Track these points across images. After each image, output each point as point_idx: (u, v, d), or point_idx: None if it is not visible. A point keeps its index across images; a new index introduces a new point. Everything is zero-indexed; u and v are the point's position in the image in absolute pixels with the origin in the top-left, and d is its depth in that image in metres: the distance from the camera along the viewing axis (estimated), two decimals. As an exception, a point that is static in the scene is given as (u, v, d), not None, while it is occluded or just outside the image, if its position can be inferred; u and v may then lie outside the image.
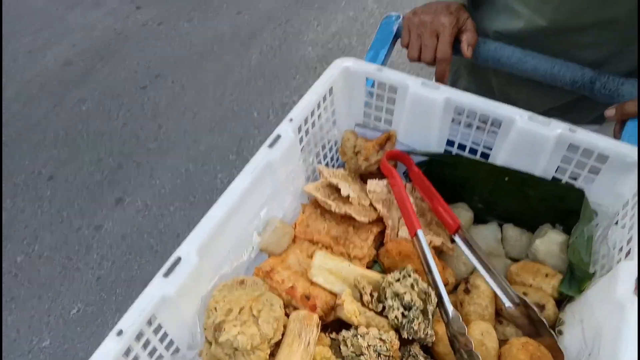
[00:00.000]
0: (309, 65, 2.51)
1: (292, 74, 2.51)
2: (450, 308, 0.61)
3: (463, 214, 0.81)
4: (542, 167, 0.73)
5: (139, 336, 0.51)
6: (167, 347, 0.56)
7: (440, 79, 0.85)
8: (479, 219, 0.82)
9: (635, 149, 0.66)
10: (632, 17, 0.74)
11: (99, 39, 2.88)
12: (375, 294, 0.64)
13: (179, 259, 0.55)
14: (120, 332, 0.49)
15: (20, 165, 2.13)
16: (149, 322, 0.52)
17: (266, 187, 0.68)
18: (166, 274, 0.54)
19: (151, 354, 0.54)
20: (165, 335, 0.55)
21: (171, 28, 2.93)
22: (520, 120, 0.71)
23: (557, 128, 0.69)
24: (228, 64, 2.64)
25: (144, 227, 1.88)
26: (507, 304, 0.66)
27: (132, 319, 0.50)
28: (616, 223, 0.67)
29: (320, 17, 2.93)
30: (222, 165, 2.07)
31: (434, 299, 0.63)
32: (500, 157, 0.76)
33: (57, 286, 1.74)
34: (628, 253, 0.58)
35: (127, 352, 0.50)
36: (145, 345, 0.53)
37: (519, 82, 0.89)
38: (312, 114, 0.76)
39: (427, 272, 0.66)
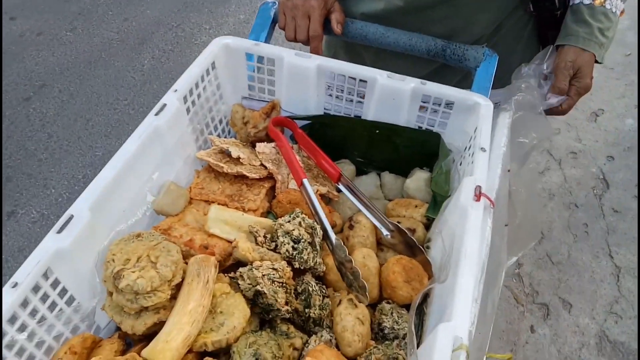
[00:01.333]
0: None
1: (188, 75, 2.50)
2: (333, 237, 0.70)
3: (346, 168, 0.91)
4: (404, 118, 0.85)
5: (35, 288, 0.53)
6: (68, 303, 0.58)
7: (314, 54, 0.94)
8: (360, 172, 0.93)
9: (474, 94, 0.80)
10: None
11: (-30, 52, 2.65)
12: (269, 236, 0.71)
13: (71, 216, 0.58)
14: (15, 285, 0.51)
15: None
16: (45, 276, 0.54)
17: (156, 151, 0.72)
18: (59, 231, 0.56)
19: (51, 308, 0.56)
20: (64, 290, 0.57)
21: (52, 38, 2.78)
22: (380, 78, 0.82)
23: (411, 82, 0.81)
24: (119, 70, 2.57)
25: (42, 237, 1.78)
26: (385, 232, 0.76)
27: (26, 271, 0.52)
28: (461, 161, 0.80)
29: (211, 21, 2.96)
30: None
31: (319, 232, 0.71)
32: (370, 114, 0.86)
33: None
34: (471, 174, 0.70)
35: (25, 303, 0.52)
36: (43, 299, 0.54)
37: (387, 56, 1.00)
38: (197, 86, 0.81)
39: (313, 213, 0.73)
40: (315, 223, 0.71)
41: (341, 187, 0.81)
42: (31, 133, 2.21)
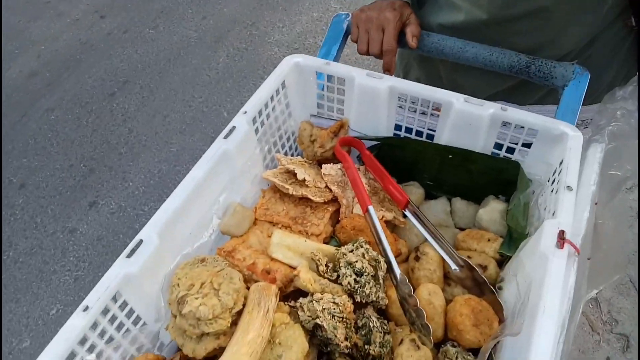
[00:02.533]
0: (276, 65, 2.53)
1: (260, 74, 2.55)
2: (398, 272, 0.67)
3: (414, 191, 0.87)
4: (481, 144, 0.79)
5: (104, 311, 0.55)
6: (134, 322, 0.60)
7: (387, 69, 0.91)
8: (429, 195, 0.88)
9: (561, 123, 0.73)
10: (560, 5, 0.80)
11: (63, 49, 2.87)
12: (331, 265, 0.69)
13: (140, 241, 0.59)
14: (86, 308, 0.53)
15: (-11, 176, 2.12)
16: (114, 299, 0.56)
17: (224, 175, 0.72)
18: (129, 255, 0.58)
19: (118, 328, 0.58)
20: (131, 311, 0.59)
21: (137, 35, 2.94)
22: (457, 103, 0.77)
23: (490, 108, 0.76)
24: (196, 67, 2.67)
25: (119, 228, 1.90)
26: (453, 266, 0.72)
27: (96, 296, 0.54)
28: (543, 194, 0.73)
29: (284, 19, 2.98)
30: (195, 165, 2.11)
31: (383, 265, 0.68)
32: (444, 137, 0.82)
33: (34, 289, 1.75)
34: (553, 214, 0.65)
35: (94, 326, 0.54)
36: (112, 321, 0.56)
37: (464, 70, 0.95)
38: (266, 106, 0.81)
39: (377, 243, 0.71)
40: (379, 256, 0.68)
41: (408, 214, 0.78)
42: (114, 127, 2.36)
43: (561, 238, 0.60)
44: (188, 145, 2.25)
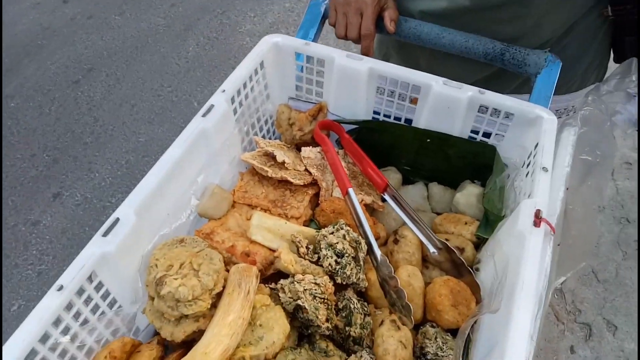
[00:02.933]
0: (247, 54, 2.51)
1: (231, 64, 2.51)
2: (378, 253, 0.67)
3: (392, 176, 0.87)
4: (458, 127, 0.80)
5: (79, 292, 0.53)
6: (110, 305, 0.58)
7: (365, 54, 0.91)
8: (407, 180, 0.89)
9: (536, 107, 0.75)
10: None
11: (23, 34, 2.74)
12: (311, 247, 0.68)
13: (117, 220, 0.57)
14: (60, 287, 0.51)
15: (-58, 166, 2.01)
16: (90, 279, 0.54)
17: (201, 154, 0.71)
18: (104, 234, 0.56)
19: (94, 310, 0.56)
20: (107, 293, 0.57)
21: (102, 21, 2.84)
22: (436, 85, 0.78)
23: (468, 91, 0.77)
24: (164, 56, 2.60)
25: (85, 220, 1.84)
26: (432, 249, 0.73)
27: (71, 275, 0.52)
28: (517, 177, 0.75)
29: (256, 9, 2.94)
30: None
31: (364, 246, 0.68)
32: (422, 121, 0.82)
33: (-8, 285, 1.68)
34: (529, 195, 0.66)
35: (69, 306, 0.52)
36: (87, 302, 0.54)
37: (443, 58, 0.95)
38: (245, 86, 0.79)
39: (358, 225, 0.71)
40: (360, 237, 0.68)
41: (387, 197, 0.78)
42: (78, 116, 2.27)
43: (537, 217, 0.61)
44: (157, 135, 2.19)
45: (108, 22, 2.84)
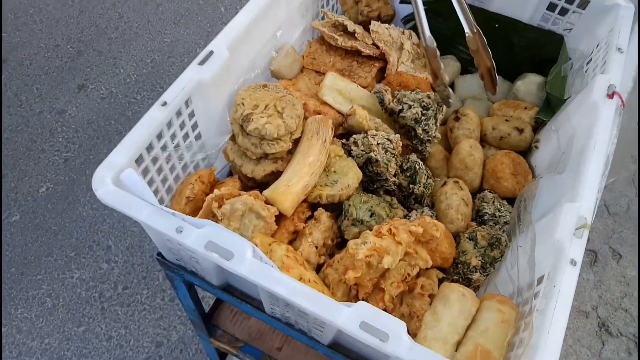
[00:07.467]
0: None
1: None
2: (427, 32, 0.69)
3: (452, 64, 0.88)
4: (528, 14, 0.80)
5: (178, 113, 0.55)
6: (197, 138, 0.61)
7: None
8: (466, 70, 0.90)
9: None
10: None
11: None
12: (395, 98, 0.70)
13: (211, 52, 0.58)
14: (164, 103, 0.53)
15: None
16: (187, 103, 0.56)
17: (281, 10, 0.71)
18: (201, 63, 0.57)
19: (184, 137, 0.58)
20: (195, 125, 0.60)
21: None
22: (513, -34, 0.77)
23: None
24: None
25: (110, 114, 1.84)
26: (467, 31, 0.74)
27: (174, 94, 0.54)
28: (589, 61, 0.76)
29: None
30: (190, 58, 2.03)
31: (444, 110, 0.70)
32: (494, 5, 0.82)
33: (22, 166, 1.70)
34: (602, 72, 0.67)
35: (169, 124, 0.54)
36: (181, 126, 0.57)
37: None
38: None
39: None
40: (440, 102, 0.70)
41: None
42: (102, 11, 2.21)
43: (611, 91, 0.63)
44: (183, 37, 2.15)
45: None
